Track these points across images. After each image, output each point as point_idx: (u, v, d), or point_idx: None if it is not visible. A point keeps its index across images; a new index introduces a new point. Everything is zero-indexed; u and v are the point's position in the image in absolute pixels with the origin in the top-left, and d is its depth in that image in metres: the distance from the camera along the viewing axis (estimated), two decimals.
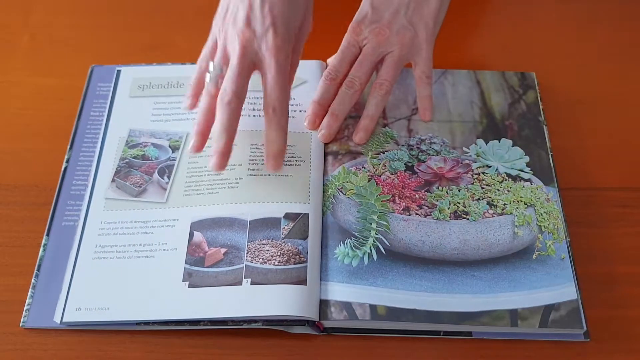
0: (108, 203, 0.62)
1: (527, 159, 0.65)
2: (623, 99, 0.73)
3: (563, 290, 0.57)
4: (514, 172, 0.64)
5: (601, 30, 0.80)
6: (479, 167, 0.65)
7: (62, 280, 0.59)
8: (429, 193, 0.62)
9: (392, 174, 0.64)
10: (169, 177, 0.64)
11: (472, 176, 0.64)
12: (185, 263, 0.58)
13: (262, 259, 0.58)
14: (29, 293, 0.59)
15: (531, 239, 0.60)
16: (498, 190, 0.63)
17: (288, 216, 0.61)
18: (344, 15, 0.68)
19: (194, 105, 0.65)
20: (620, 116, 0.72)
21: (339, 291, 0.57)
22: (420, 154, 0.66)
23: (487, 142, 0.67)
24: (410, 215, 0.61)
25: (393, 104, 0.70)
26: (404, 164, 0.65)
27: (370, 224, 0.60)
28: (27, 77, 0.74)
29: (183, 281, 0.57)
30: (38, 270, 0.60)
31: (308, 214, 0.61)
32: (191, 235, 0.60)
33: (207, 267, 0.58)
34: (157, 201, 0.63)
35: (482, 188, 0.63)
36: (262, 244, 0.59)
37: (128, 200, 0.63)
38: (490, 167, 0.65)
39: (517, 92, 0.71)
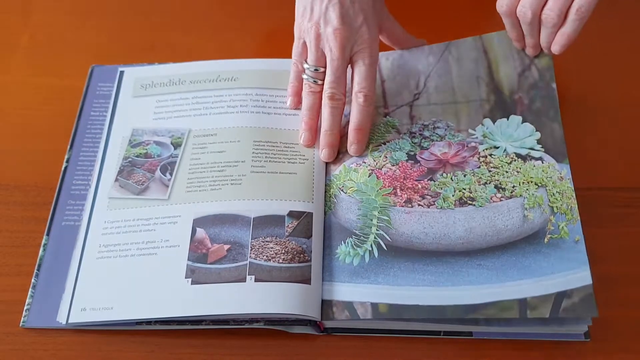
0: (111, 202, 0.62)
1: (537, 135, 0.62)
2: (623, 98, 0.73)
3: (577, 275, 0.55)
4: (523, 152, 0.61)
5: (603, 30, 0.79)
6: (486, 149, 0.62)
7: (62, 280, 0.59)
8: (432, 182, 0.61)
9: (393, 166, 0.63)
10: (171, 174, 0.64)
11: (479, 159, 0.62)
12: (188, 260, 0.58)
13: (267, 256, 0.58)
14: (29, 293, 0.59)
15: (542, 222, 0.58)
16: (506, 172, 0.60)
17: (292, 214, 0.61)
18: None
19: (297, 103, 0.67)
20: (620, 116, 0.72)
21: (340, 291, 0.57)
22: (423, 140, 0.64)
23: (494, 121, 0.64)
24: (412, 207, 0.59)
25: (394, 90, 0.68)
26: (406, 154, 0.63)
27: (371, 220, 0.59)
28: (27, 77, 0.75)
29: (186, 278, 0.57)
30: (38, 270, 0.60)
31: (312, 213, 0.61)
32: (194, 231, 0.60)
33: (210, 263, 0.58)
34: (159, 198, 0.62)
35: (490, 171, 0.60)
36: (266, 241, 0.59)
37: (131, 199, 0.62)
38: (498, 147, 0.62)
39: (528, 57, 0.66)
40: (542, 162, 0.61)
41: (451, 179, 0.60)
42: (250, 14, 0.81)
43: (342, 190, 0.62)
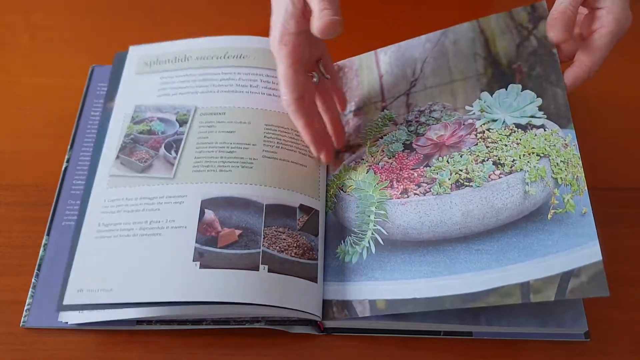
0: (112, 180, 0.60)
1: (539, 102, 0.58)
2: (622, 97, 0.73)
3: (584, 251, 0.50)
4: (524, 121, 0.57)
5: None
6: (484, 124, 0.59)
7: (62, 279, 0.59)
8: (428, 168, 0.58)
9: (390, 158, 0.61)
10: (176, 152, 0.61)
11: (476, 136, 0.58)
12: (196, 242, 0.55)
13: (280, 247, 0.56)
14: (29, 293, 0.59)
15: (545, 197, 0.54)
16: (506, 145, 0.56)
17: (302, 208, 0.59)
18: (346, 15, 0.68)
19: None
20: (619, 116, 0.72)
21: (339, 290, 0.57)
22: (419, 127, 0.62)
23: (492, 94, 0.60)
24: (408, 197, 0.57)
25: (392, 83, 0.66)
26: (402, 144, 0.61)
27: (369, 216, 0.58)
28: (27, 77, 0.74)
29: (194, 261, 0.55)
30: (38, 270, 0.60)
31: (319, 211, 0.60)
32: (202, 213, 0.57)
33: (221, 248, 0.55)
34: (164, 176, 0.60)
35: (487, 147, 0.57)
36: (279, 232, 0.57)
37: (133, 177, 0.60)
38: (496, 120, 0.58)
39: (526, 29, 0.61)
40: (545, 130, 0.56)
41: (447, 161, 0.58)
42: (251, 14, 0.81)
43: (342, 190, 0.62)
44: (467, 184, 0.56)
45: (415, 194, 0.57)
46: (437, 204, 0.56)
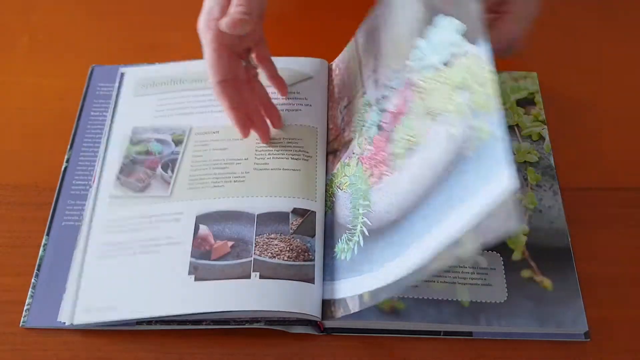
0: (113, 201, 0.62)
1: (462, 27, 0.49)
2: (623, 98, 0.73)
3: (496, 181, 0.41)
4: (448, 56, 0.50)
5: (601, 30, 0.80)
6: (418, 76, 0.54)
7: (62, 280, 0.59)
8: (392, 144, 0.57)
9: (370, 145, 0.60)
10: (172, 171, 0.63)
11: (413, 91, 0.54)
12: (191, 257, 0.58)
13: (271, 253, 0.58)
14: (29, 293, 0.59)
15: (465, 133, 0.46)
16: (435, 90, 0.51)
17: (296, 211, 0.60)
18: (348, 13, 0.68)
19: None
20: (620, 116, 0.72)
21: (336, 289, 0.57)
22: (384, 103, 0.59)
23: (425, 38, 0.53)
24: (382, 179, 0.57)
25: (365, 64, 0.64)
26: (376, 126, 0.59)
27: (358, 209, 0.58)
28: (27, 77, 0.74)
29: (189, 274, 0.57)
30: (38, 270, 0.60)
31: (315, 212, 0.61)
32: (197, 228, 0.60)
33: (214, 260, 0.57)
34: (161, 195, 0.62)
35: (423, 100, 0.52)
36: (271, 238, 0.59)
37: (132, 197, 0.62)
38: (426, 67, 0.53)
39: None
40: (466, 56, 0.48)
41: (400, 130, 0.55)
42: None
43: (339, 188, 0.62)
44: (414, 147, 0.52)
45: (385, 175, 0.56)
46: (398, 179, 0.54)
